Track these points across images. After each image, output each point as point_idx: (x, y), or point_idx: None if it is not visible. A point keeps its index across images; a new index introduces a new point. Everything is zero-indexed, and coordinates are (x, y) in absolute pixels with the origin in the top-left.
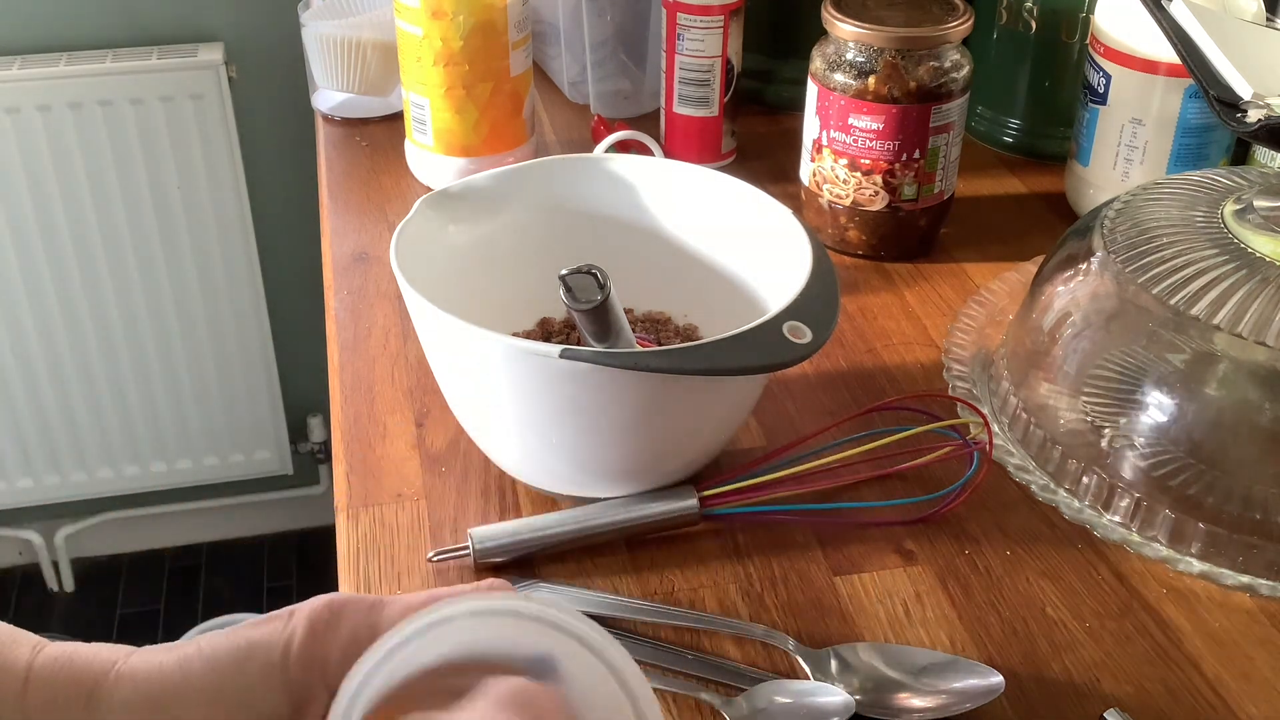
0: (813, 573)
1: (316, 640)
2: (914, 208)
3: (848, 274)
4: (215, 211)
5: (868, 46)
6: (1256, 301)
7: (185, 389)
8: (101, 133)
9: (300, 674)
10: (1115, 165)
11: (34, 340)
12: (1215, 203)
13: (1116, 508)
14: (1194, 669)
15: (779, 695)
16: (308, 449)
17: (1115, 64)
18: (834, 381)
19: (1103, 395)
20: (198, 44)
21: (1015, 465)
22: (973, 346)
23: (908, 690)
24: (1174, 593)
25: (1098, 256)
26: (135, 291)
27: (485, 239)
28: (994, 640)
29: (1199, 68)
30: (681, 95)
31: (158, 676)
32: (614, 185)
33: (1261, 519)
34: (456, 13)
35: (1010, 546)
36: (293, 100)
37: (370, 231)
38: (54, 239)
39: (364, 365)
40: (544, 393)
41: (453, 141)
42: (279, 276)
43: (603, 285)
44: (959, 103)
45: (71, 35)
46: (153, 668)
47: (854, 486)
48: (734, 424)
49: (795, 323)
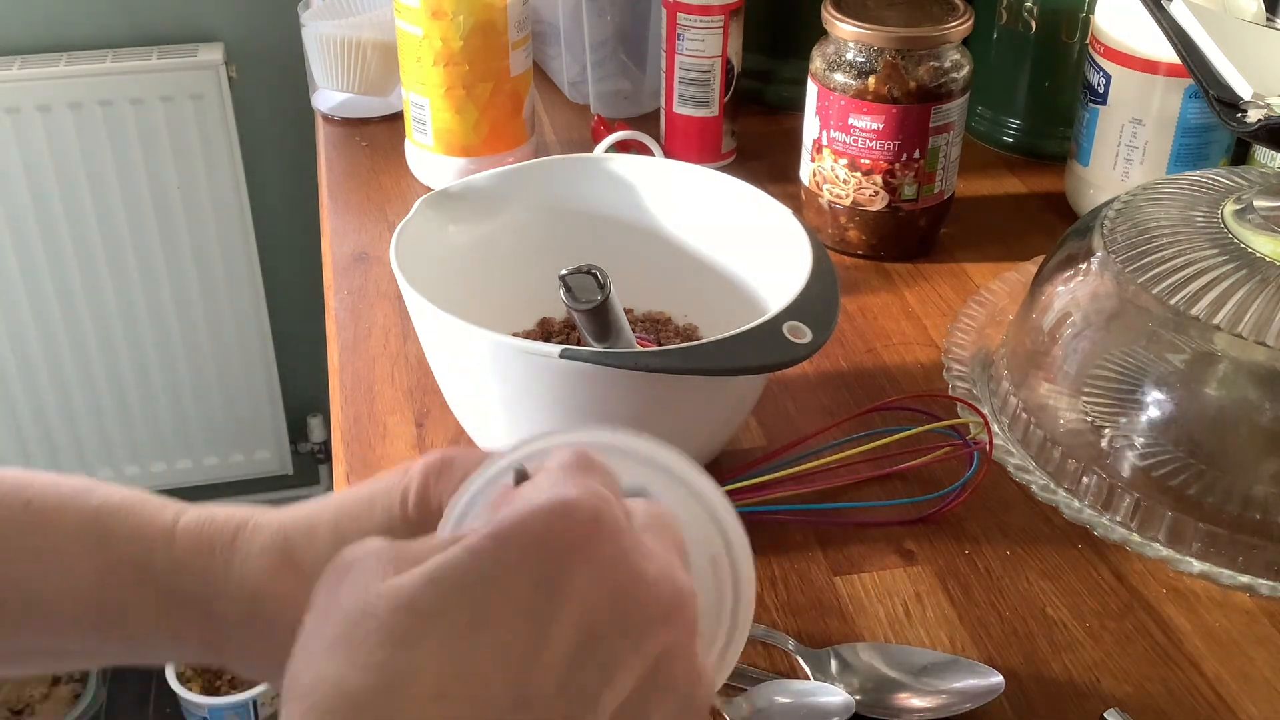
0: (813, 573)
1: (431, 485)
2: (914, 208)
3: (848, 274)
4: (215, 211)
5: (868, 46)
6: (1256, 301)
7: (185, 389)
8: (101, 133)
9: (418, 516)
10: (1115, 165)
11: (34, 340)
12: (1215, 203)
13: (1116, 508)
14: (1194, 669)
15: (779, 695)
16: (308, 449)
17: (1115, 64)
18: (834, 381)
19: (1103, 395)
20: (198, 44)
21: (1015, 465)
22: (973, 346)
23: (908, 690)
24: (1174, 593)
25: (1098, 256)
26: (135, 291)
27: (485, 239)
28: (994, 640)
29: (1199, 68)
30: (681, 95)
31: (290, 524)
32: (614, 185)
33: (1261, 519)
34: (456, 13)
35: (1010, 546)
36: (293, 100)
37: (370, 231)
38: (54, 239)
39: (364, 365)
40: (544, 393)
41: (453, 141)
42: (279, 276)
43: (603, 285)
44: (959, 103)
45: (71, 35)
46: (285, 517)
47: (854, 486)
48: (734, 424)
49: (795, 323)
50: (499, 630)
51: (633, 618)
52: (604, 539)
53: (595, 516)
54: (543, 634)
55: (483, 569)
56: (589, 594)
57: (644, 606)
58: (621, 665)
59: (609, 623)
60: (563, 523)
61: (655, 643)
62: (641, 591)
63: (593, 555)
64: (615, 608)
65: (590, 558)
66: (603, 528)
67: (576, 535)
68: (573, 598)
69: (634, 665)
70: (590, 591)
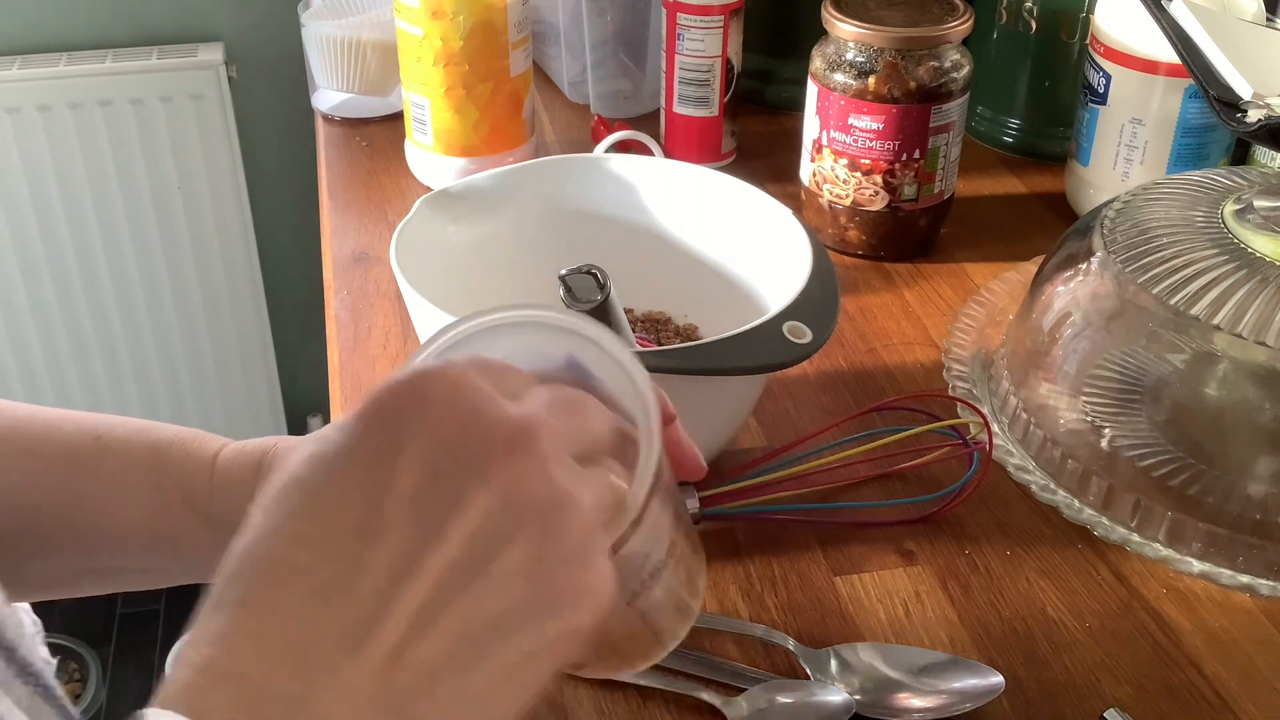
0: (813, 573)
1: None
2: (914, 208)
3: (848, 274)
4: (215, 211)
5: (868, 46)
6: (1256, 301)
7: (185, 389)
8: (101, 133)
9: None
10: (1115, 165)
11: (34, 340)
12: (1215, 203)
13: (1117, 508)
14: (1194, 669)
15: (779, 695)
16: None
17: (1115, 64)
18: (834, 381)
19: (1103, 395)
20: (198, 44)
21: (1015, 465)
22: (973, 346)
23: (908, 690)
24: (1174, 593)
25: (1098, 256)
26: (135, 291)
27: (485, 239)
28: (994, 640)
29: (1199, 68)
30: (681, 95)
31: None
32: (614, 185)
33: (1261, 519)
34: (456, 13)
35: (1010, 546)
36: (293, 100)
37: (370, 231)
38: (54, 239)
39: (364, 365)
40: None
41: (453, 141)
42: (279, 276)
43: (603, 285)
44: (959, 103)
45: (71, 35)
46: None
47: (854, 486)
48: (734, 424)
49: (795, 323)
50: (348, 479)
51: (473, 450)
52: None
53: (428, 375)
54: (387, 476)
55: (344, 437)
56: (425, 437)
57: (482, 441)
58: (467, 495)
59: (449, 458)
60: (410, 387)
61: (502, 473)
62: (480, 428)
63: (428, 405)
64: (454, 445)
65: (425, 408)
66: (437, 382)
67: (414, 393)
68: (415, 442)
69: (481, 495)
70: (426, 434)
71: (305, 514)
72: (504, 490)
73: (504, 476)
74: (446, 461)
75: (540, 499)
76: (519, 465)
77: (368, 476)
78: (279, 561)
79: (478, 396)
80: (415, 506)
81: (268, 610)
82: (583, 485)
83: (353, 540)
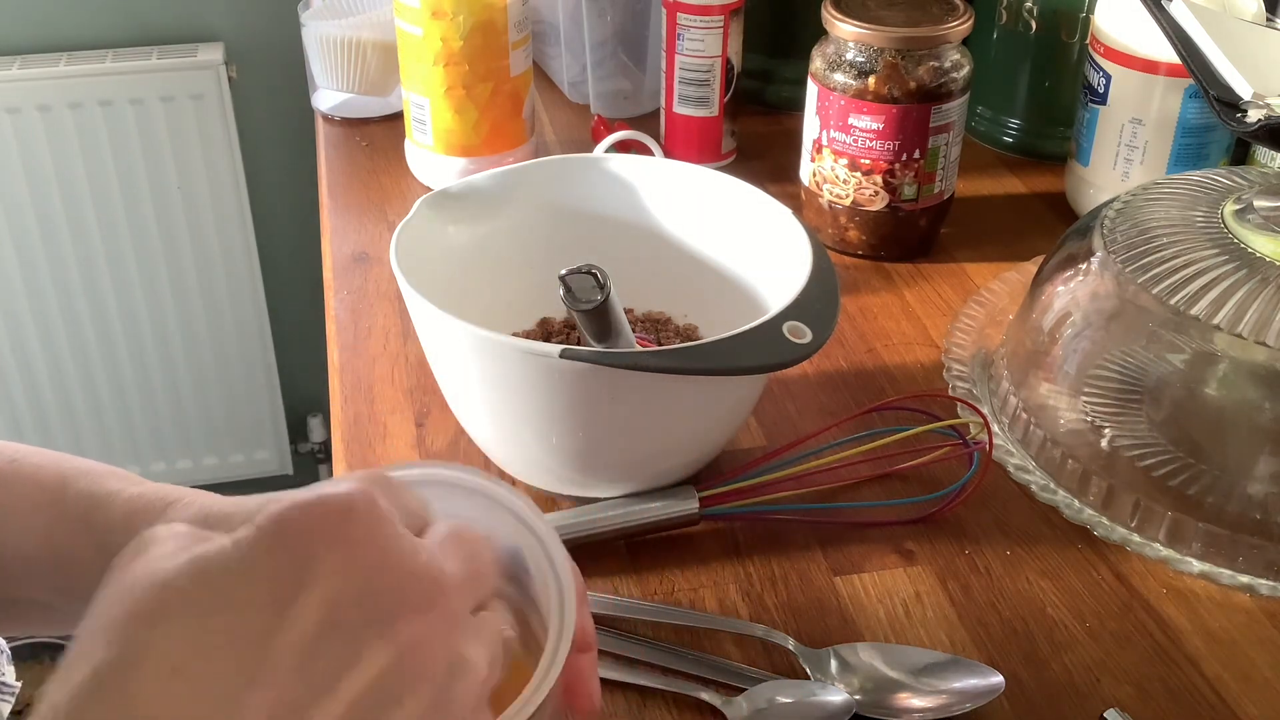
0: (813, 573)
1: None
2: (914, 208)
3: (848, 274)
4: (215, 211)
5: (868, 46)
6: (1256, 301)
7: (185, 389)
8: (101, 133)
9: None
10: (1115, 165)
11: (34, 340)
12: (1215, 203)
13: (1117, 508)
14: (1194, 669)
15: (779, 695)
16: (308, 449)
17: (1115, 64)
18: (834, 381)
19: (1103, 395)
20: (198, 44)
21: (1015, 465)
22: (973, 346)
23: (908, 690)
24: (1174, 593)
25: (1098, 256)
26: (135, 291)
27: (485, 239)
28: (994, 640)
29: (1199, 68)
30: (681, 95)
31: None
32: (614, 185)
33: (1261, 519)
34: (456, 13)
35: (1010, 546)
36: (293, 100)
37: (370, 231)
38: (54, 239)
39: (364, 365)
40: (544, 393)
41: (453, 141)
42: (279, 276)
43: (603, 285)
44: (959, 103)
45: (71, 35)
46: (211, 502)
47: (854, 486)
48: (734, 424)
49: (795, 323)
50: (241, 612)
51: (380, 604)
52: (357, 529)
53: (350, 507)
54: (282, 616)
55: (239, 554)
56: (335, 579)
57: (393, 594)
58: (366, 650)
59: (354, 607)
60: (317, 512)
61: (406, 630)
62: (391, 579)
63: (342, 544)
64: (362, 593)
65: (339, 546)
66: (357, 518)
67: (328, 525)
68: (319, 582)
69: (380, 652)
70: (336, 577)
71: (189, 644)
72: (405, 650)
73: (408, 635)
74: (352, 608)
75: (438, 664)
76: (425, 625)
77: (262, 610)
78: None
79: (395, 540)
80: (309, 655)
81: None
82: (478, 643)
83: (234, 677)
